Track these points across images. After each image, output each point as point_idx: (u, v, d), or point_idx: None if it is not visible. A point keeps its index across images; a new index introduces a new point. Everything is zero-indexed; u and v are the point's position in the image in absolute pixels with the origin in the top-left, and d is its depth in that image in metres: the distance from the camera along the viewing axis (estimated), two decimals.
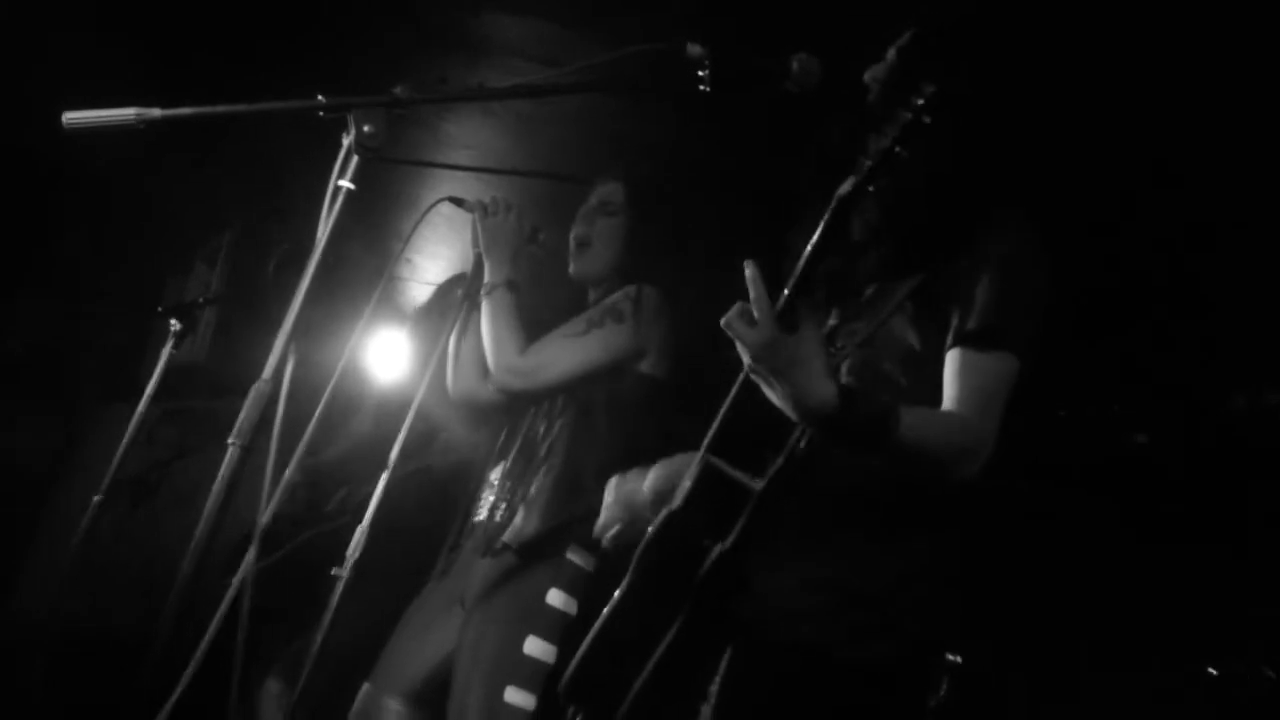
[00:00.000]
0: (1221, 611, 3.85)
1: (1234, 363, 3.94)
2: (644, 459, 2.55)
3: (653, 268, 2.75)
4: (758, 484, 1.65)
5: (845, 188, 1.52)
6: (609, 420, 2.63)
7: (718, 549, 1.63)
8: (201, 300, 4.33)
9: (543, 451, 2.65)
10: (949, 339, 1.74)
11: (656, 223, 2.83)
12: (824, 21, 2.85)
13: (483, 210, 2.76)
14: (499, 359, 2.66)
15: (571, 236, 2.86)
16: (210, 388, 4.31)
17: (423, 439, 3.42)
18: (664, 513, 1.72)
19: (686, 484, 1.71)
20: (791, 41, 1.93)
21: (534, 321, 2.76)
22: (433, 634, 2.60)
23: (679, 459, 1.91)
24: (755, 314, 1.55)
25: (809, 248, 1.54)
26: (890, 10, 1.95)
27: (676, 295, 2.71)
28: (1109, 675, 3.98)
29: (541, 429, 2.70)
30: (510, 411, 2.83)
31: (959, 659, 3.54)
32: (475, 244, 2.78)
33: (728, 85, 1.85)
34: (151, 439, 4.23)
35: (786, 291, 1.55)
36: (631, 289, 2.70)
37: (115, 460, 3.49)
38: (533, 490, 2.60)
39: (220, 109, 1.67)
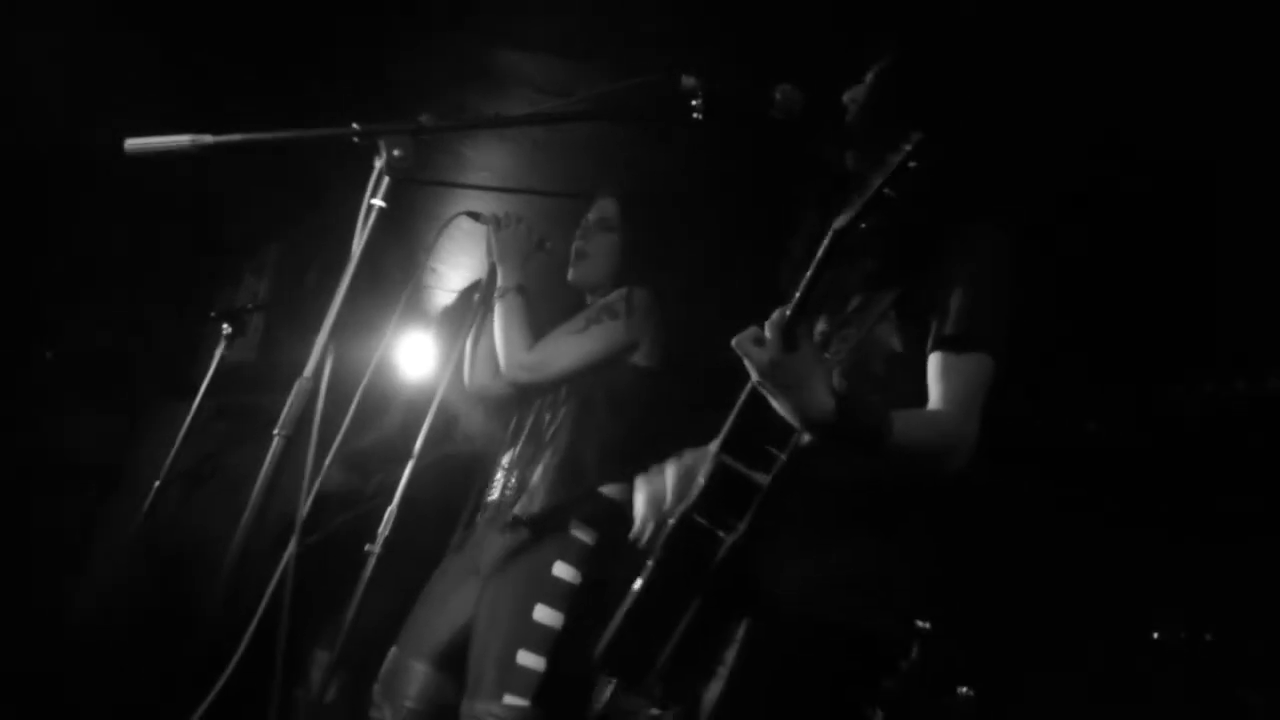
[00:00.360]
0: (1163, 584, 3.85)
1: (1181, 352, 3.93)
2: (639, 443, 2.59)
3: (645, 273, 2.78)
4: (764, 480, 1.67)
5: (840, 223, 1.54)
6: (607, 408, 2.67)
7: (730, 539, 1.66)
8: (250, 306, 4.35)
9: (548, 437, 2.68)
10: (929, 343, 1.76)
11: (648, 234, 2.85)
12: (805, 50, 2.86)
13: (495, 223, 2.79)
14: (509, 356, 2.71)
15: (572, 249, 2.88)
16: (258, 384, 4.32)
17: (445, 429, 3.44)
18: (681, 509, 1.74)
19: (700, 481, 1.73)
20: (777, 69, 1.94)
21: (542, 323, 2.79)
22: (452, 602, 2.62)
23: (690, 455, 1.94)
24: (766, 336, 1.57)
25: (808, 274, 1.55)
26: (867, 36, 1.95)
27: (665, 295, 2.74)
28: (1062, 640, 3.99)
29: (547, 417, 2.72)
30: (519, 402, 2.86)
31: (928, 625, 3.56)
32: (489, 253, 2.81)
33: (718, 113, 1.87)
34: (205, 431, 4.24)
35: (788, 314, 1.56)
36: (624, 290, 2.74)
37: (173, 450, 3.51)
38: (539, 471, 2.62)
39: (266, 135, 1.68)
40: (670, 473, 1.93)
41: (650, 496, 1.95)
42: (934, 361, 1.75)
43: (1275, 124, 2.89)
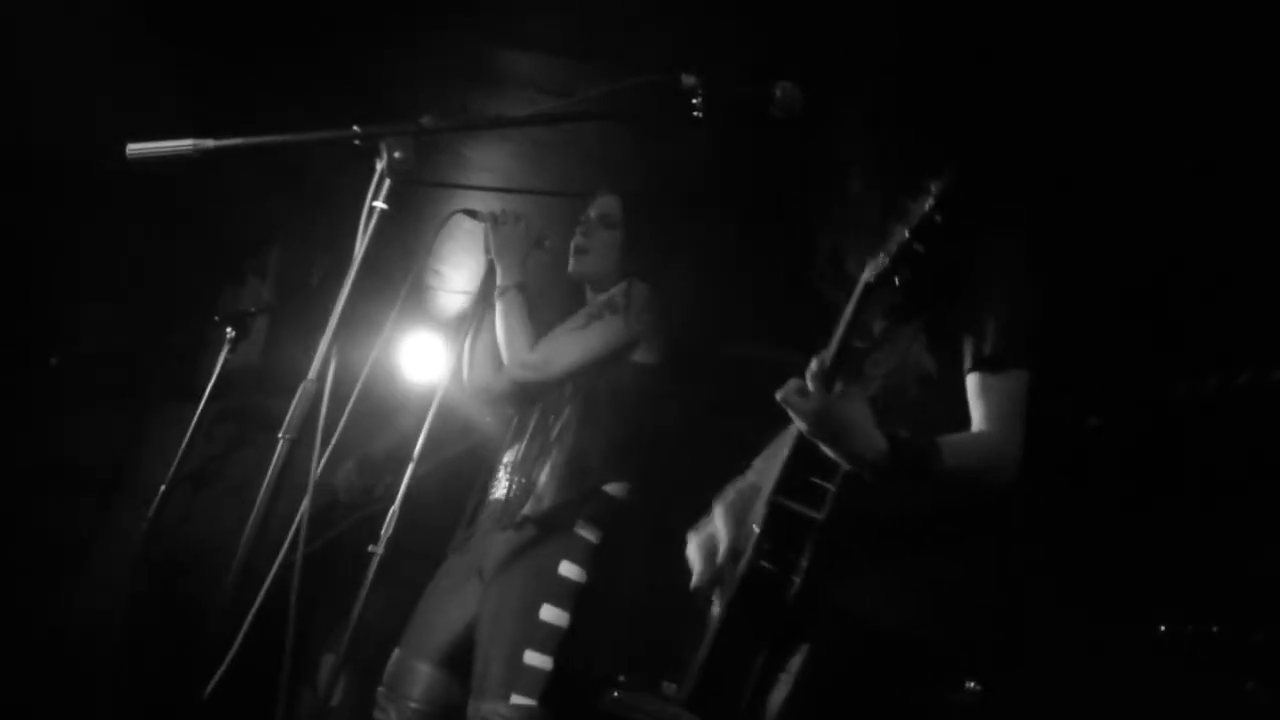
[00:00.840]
0: (1168, 577, 3.84)
1: (1182, 346, 3.93)
2: (644, 440, 2.59)
3: (646, 270, 2.77)
4: (819, 515, 1.73)
5: (869, 275, 1.60)
6: (611, 405, 2.66)
7: (799, 579, 1.72)
8: (253, 309, 4.34)
9: (553, 436, 2.67)
10: (967, 364, 1.81)
11: (650, 231, 2.85)
12: (804, 48, 2.86)
13: (493, 220, 2.78)
14: (512, 355, 2.70)
15: (572, 244, 2.87)
16: (262, 387, 4.33)
17: (459, 431, 3.44)
18: (744, 563, 1.78)
19: (755, 529, 1.78)
20: (778, 66, 1.94)
21: (542, 320, 2.80)
22: (454, 603, 2.61)
23: (733, 492, 2.01)
24: (809, 387, 1.62)
25: (842, 325, 1.63)
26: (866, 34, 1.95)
27: (666, 291, 2.73)
28: (1067, 634, 3.98)
29: (551, 416, 2.71)
30: (520, 400, 2.85)
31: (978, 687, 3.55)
32: (487, 251, 2.79)
33: (718, 111, 1.87)
34: (210, 434, 4.24)
35: (828, 363, 1.62)
36: (623, 284, 2.72)
37: (179, 453, 3.51)
38: (547, 471, 2.62)
39: (268, 139, 1.68)
40: (719, 518, 1.99)
41: (702, 546, 2.00)
42: (973, 382, 1.80)
43: None
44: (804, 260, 2.01)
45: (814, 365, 1.62)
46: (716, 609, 1.91)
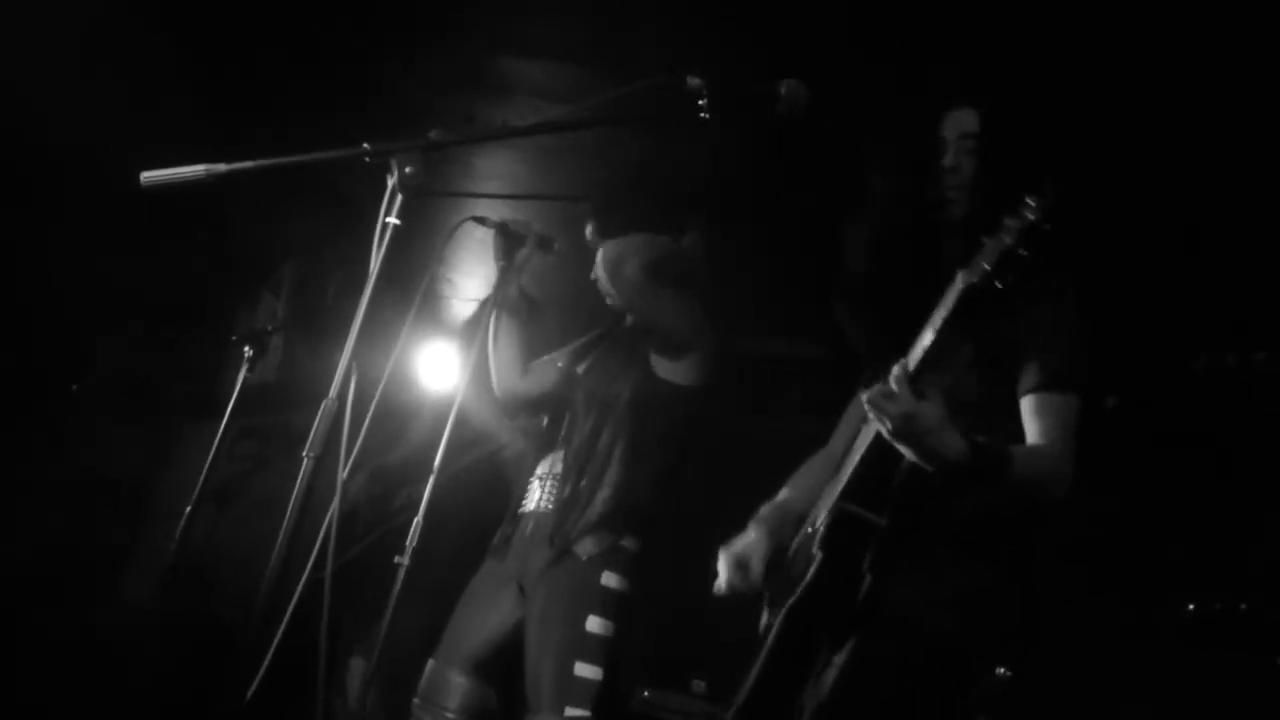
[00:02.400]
0: (1196, 555, 3.82)
1: (1193, 325, 3.91)
2: (684, 452, 2.61)
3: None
4: (883, 520, 1.80)
5: (972, 279, 1.63)
6: (658, 424, 2.66)
7: (865, 584, 1.80)
8: (270, 327, 4.37)
9: (599, 452, 2.65)
10: (1027, 384, 1.87)
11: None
12: (809, 46, 2.86)
13: (500, 228, 2.78)
14: (501, 380, 2.82)
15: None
16: (281, 403, 4.35)
17: (474, 438, 3.45)
18: (812, 570, 1.82)
19: (818, 554, 1.82)
20: (782, 65, 1.95)
21: (547, 328, 2.82)
22: (490, 612, 2.61)
23: (768, 510, 2.08)
24: (895, 391, 1.66)
25: (936, 327, 1.66)
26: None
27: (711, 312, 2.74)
28: (1096, 616, 3.96)
29: (590, 427, 2.69)
30: (554, 406, 2.84)
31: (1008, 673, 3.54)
32: (497, 258, 2.80)
33: (724, 111, 1.87)
34: (233, 452, 4.27)
35: (913, 367, 1.67)
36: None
37: (203, 471, 3.54)
38: (593, 483, 2.60)
39: (279, 160, 1.69)
40: (754, 532, 2.04)
41: (733, 559, 2.04)
42: (1028, 403, 1.87)
43: None
44: (805, 257, 2.02)
45: (897, 370, 1.66)
46: (766, 619, 1.95)
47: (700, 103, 1.85)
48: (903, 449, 1.71)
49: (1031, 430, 1.85)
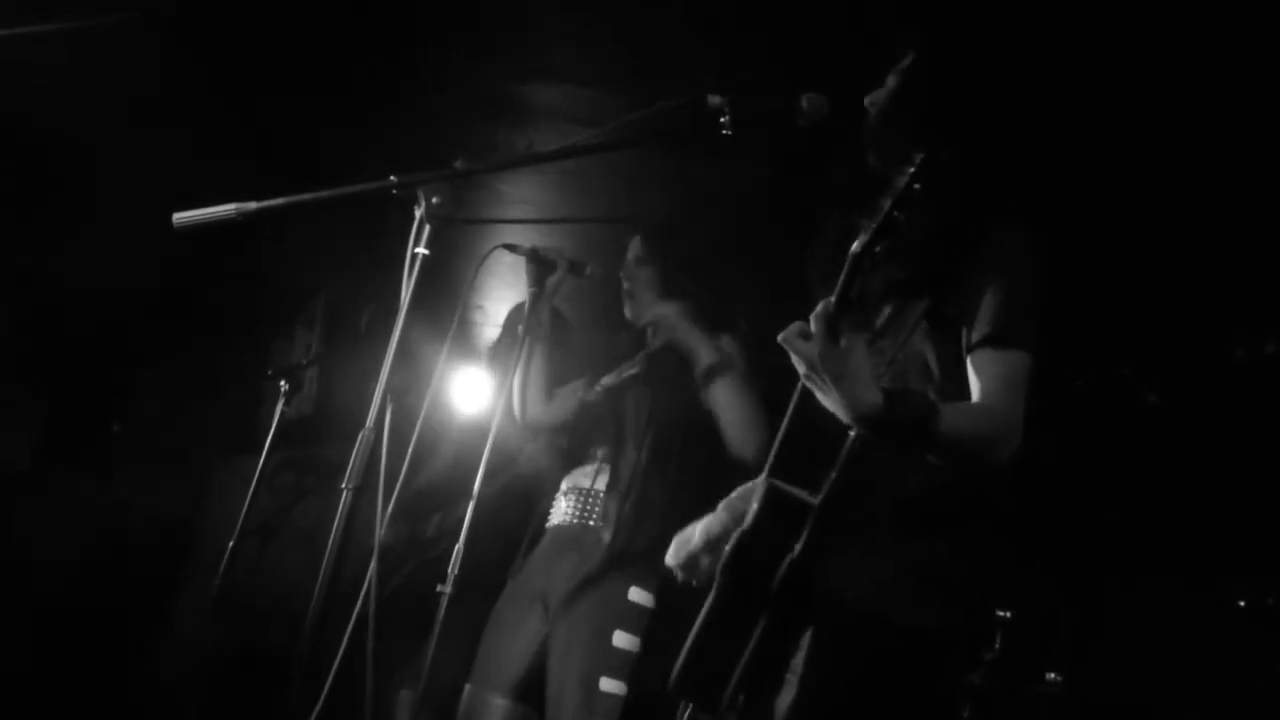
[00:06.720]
0: (1246, 550, 3.77)
1: (1232, 317, 3.86)
2: (716, 468, 2.59)
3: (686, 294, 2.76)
4: (816, 499, 1.67)
5: (856, 248, 1.56)
6: (684, 436, 2.65)
7: (788, 559, 1.66)
8: (304, 361, 4.41)
9: (626, 470, 2.65)
10: (970, 342, 1.76)
11: (682, 254, 2.84)
12: (823, 61, 2.86)
13: (531, 255, 2.78)
14: (525, 407, 2.83)
15: (623, 291, 2.88)
16: (319, 436, 4.38)
17: (503, 461, 3.45)
18: (736, 534, 1.74)
19: (754, 505, 1.73)
20: (802, 79, 1.94)
21: (580, 352, 2.82)
22: (521, 633, 2.60)
23: (739, 496, 1.98)
24: (812, 329, 1.57)
25: (844, 271, 1.57)
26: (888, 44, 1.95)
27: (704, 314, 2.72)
28: (1143, 607, 3.92)
29: (621, 448, 2.69)
30: (581, 428, 2.85)
31: (1009, 614, 3.50)
32: (530, 284, 2.81)
33: (746, 126, 1.87)
34: (272, 485, 4.30)
35: (833, 305, 1.57)
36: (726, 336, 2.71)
37: (244, 506, 3.57)
38: (626, 501, 2.59)
39: (307, 196, 1.71)
40: (723, 517, 1.96)
41: (681, 533, 1.99)
42: (975, 359, 1.75)
43: None
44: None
45: (819, 308, 1.57)
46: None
47: (722, 119, 1.85)
48: (817, 395, 1.63)
49: (976, 388, 1.73)
